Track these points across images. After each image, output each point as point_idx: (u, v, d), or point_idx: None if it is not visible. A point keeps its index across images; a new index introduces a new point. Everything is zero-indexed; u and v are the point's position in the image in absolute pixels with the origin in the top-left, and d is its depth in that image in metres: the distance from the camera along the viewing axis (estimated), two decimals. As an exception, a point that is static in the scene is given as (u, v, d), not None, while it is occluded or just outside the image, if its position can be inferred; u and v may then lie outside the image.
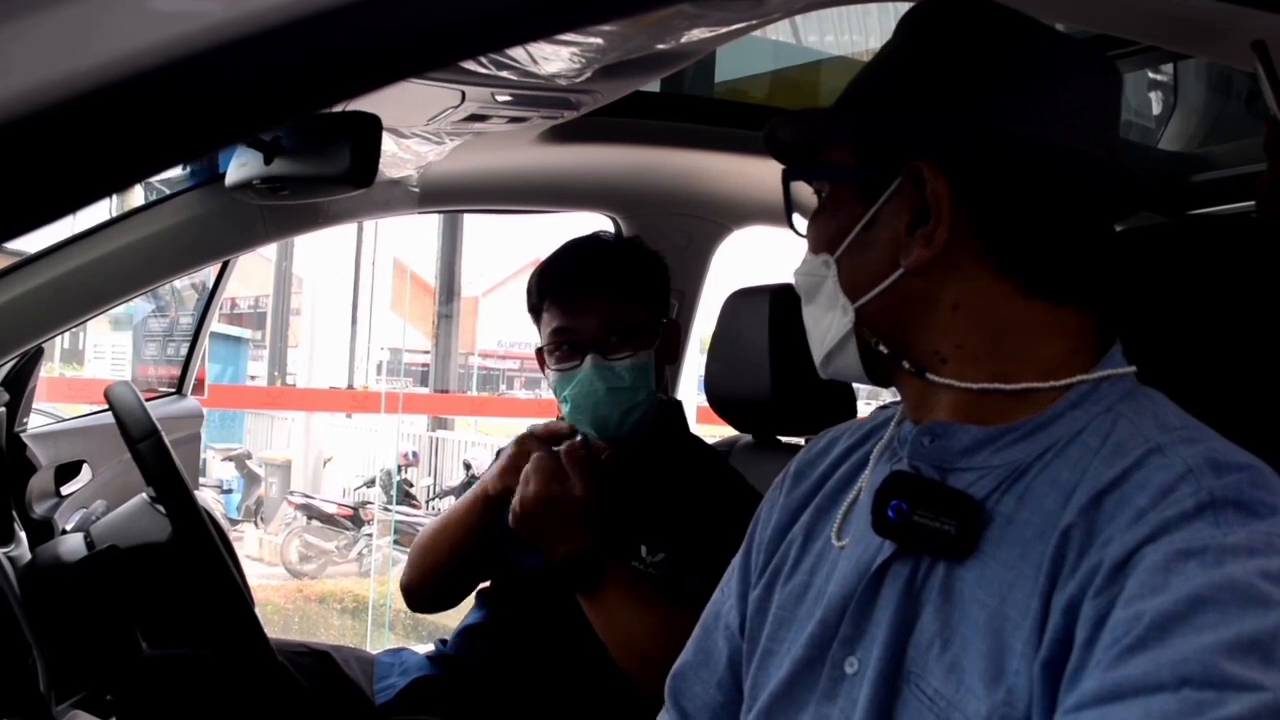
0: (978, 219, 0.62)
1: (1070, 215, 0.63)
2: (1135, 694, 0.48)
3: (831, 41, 2.13)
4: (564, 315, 1.24)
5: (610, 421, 1.24)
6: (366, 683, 1.35)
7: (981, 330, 0.63)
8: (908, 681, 0.60)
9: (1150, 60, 1.89)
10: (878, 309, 0.65)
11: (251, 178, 1.05)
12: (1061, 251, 0.63)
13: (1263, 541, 0.51)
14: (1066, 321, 0.63)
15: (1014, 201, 0.62)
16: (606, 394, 1.23)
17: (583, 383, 1.23)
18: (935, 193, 0.61)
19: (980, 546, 0.59)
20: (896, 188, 0.63)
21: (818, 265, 0.68)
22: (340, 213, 1.41)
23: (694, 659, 0.80)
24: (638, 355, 1.24)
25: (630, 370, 1.24)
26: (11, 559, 1.13)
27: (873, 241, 0.65)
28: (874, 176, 0.64)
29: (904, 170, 0.62)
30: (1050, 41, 0.64)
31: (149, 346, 2.83)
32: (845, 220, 0.66)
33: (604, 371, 1.23)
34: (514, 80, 1.00)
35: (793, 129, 0.71)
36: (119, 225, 1.27)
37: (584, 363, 1.23)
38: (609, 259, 1.29)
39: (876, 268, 0.64)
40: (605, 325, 1.23)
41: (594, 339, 1.24)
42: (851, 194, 0.66)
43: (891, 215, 0.64)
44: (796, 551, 0.72)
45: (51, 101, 0.33)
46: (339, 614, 5.69)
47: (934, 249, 0.62)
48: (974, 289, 0.62)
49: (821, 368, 0.70)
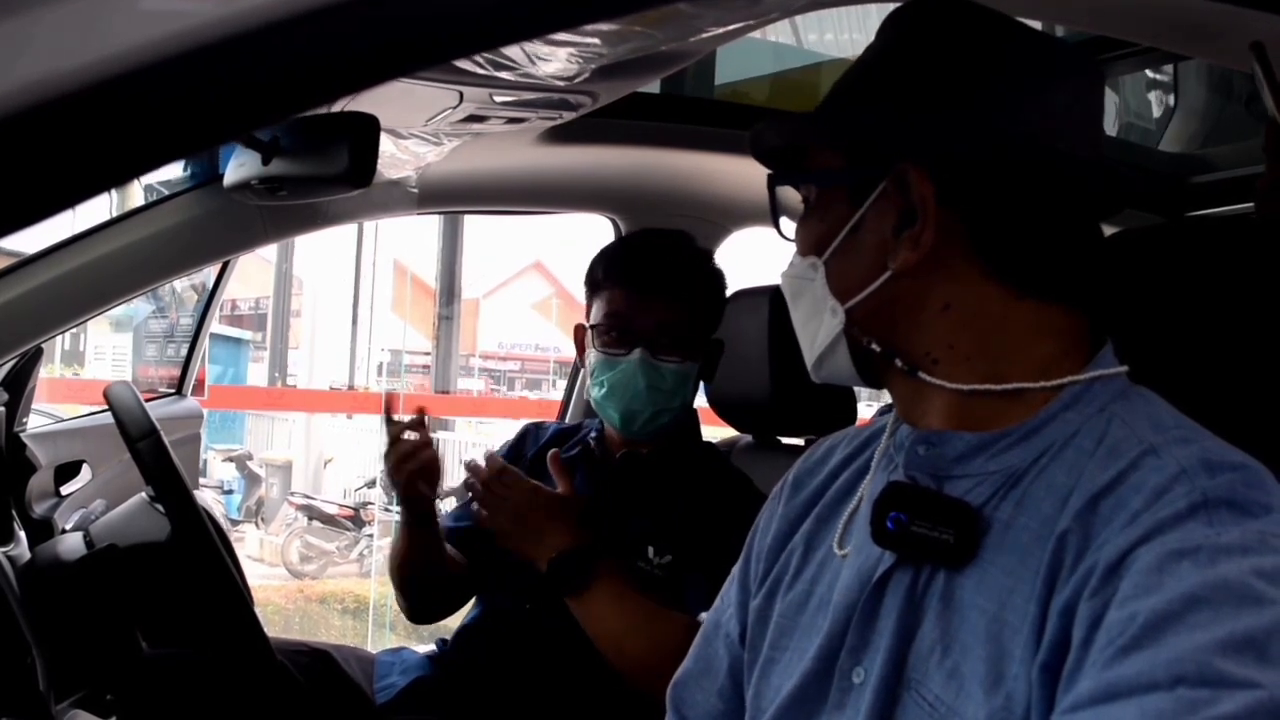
0: (966, 220, 0.62)
1: (1059, 215, 0.63)
2: (1130, 693, 0.48)
3: (831, 40, 2.13)
4: (625, 302, 1.25)
5: (639, 418, 1.25)
6: (367, 682, 1.35)
7: (972, 330, 0.63)
8: (908, 688, 0.60)
9: (1149, 61, 1.89)
10: (867, 311, 0.65)
11: (250, 178, 1.05)
12: (1050, 251, 0.63)
13: (1256, 540, 0.51)
14: (1057, 321, 0.63)
15: (1003, 202, 0.62)
16: (646, 390, 1.23)
17: (626, 372, 1.24)
18: (921, 195, 0.61)
19: (979, 553, 0.59)
20: (882, 190, 0.63)
21: (805, 268, 0.68)
22: (339, 213, 1.41)
23: (695, 668, 0.80)
24: (685, 364, 1.25)
25: (674, 375, 1.24)
26: (11, 558, 1.13)
27: (860, 244, 0.65)
28: (860, 179, 0.64)
29: (890, 173, 0.62)
30: (1036, 43, 0.64)
31: (149, 347, 2.83)
32: (832, 223, 0.66)
33: (649, 369, 1.23)
34: (512, 81, 1.01)
35: (779, 133, 0.71)
36: (118, 226, 1.28)
37: (632, 353, 1.24)
38: (683, 262, 1.29)
39: (865, 270, 0.64)
40: (662, 325, 1.24)
41: (647, 334, 1.24)
42: (838, 197, 0.66)
43: (878, 217, 0.64)
44: (798, 560, 0.72)
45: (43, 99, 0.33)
46: (340, 614, 5.69)
47: (920, 251, 0.62)
48: (964, 289, 0.62)
49: (814, 371, 0.70)
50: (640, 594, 1.13)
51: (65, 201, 0.37)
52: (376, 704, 1.31)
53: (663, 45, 0.94)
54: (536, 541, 1.13)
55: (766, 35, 1.91)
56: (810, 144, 0.69)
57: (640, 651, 1.09)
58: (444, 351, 7.98)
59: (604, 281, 1.28)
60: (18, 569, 1.12)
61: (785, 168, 0.72)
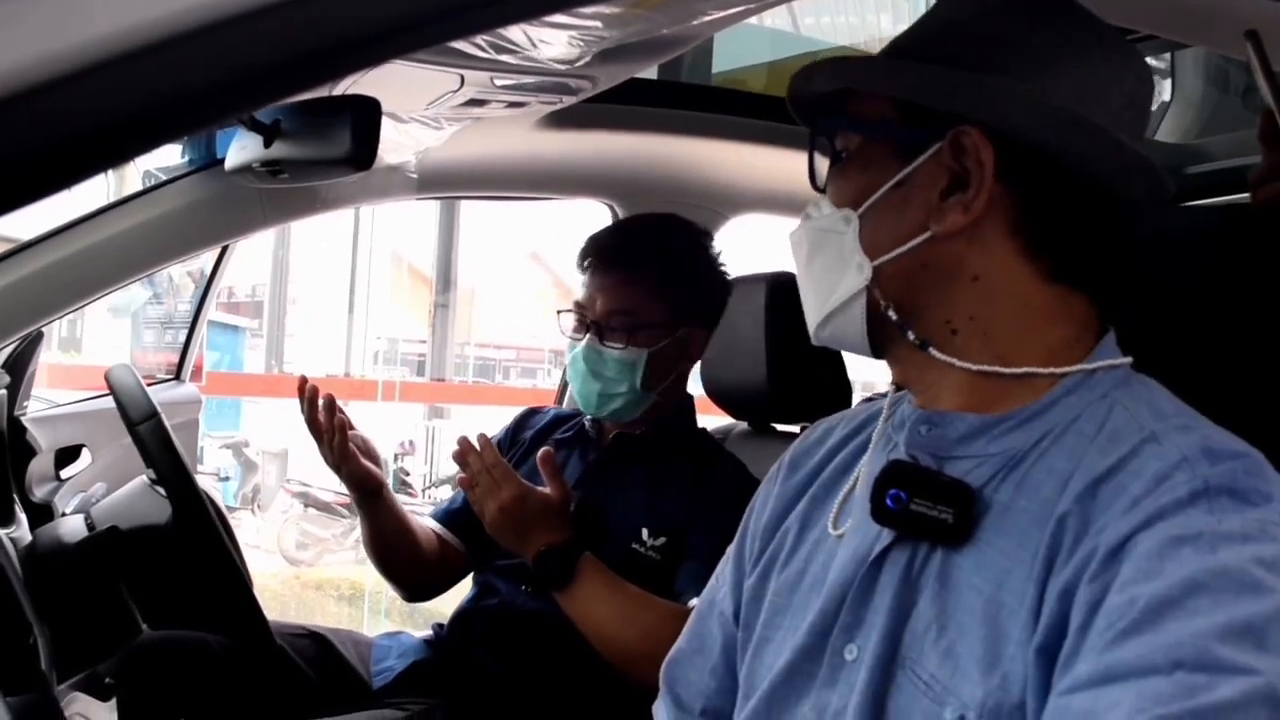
0: (1017, 194, 0.61)
1: (1104, 207, 0.62)
2: (1128, 676, 0.48)
3: (829, 23, 2.13)
4: (586, 286, 1.27)
5: (590, 400, 1.27)
6: (363, 666, 1.36)
7: (995, 306, 0.62)
8: (903, 667, 0.60)
9: (1145, 50, 1.89)
10: (896, 271, 0.63)
11: (251, 161, 1.05)
12: (1090, 240, 0.62)
13: (1257, 528, 0.51)
14: (1076, 308, 0.63)
15: (1057, 183, 0.61)
16: (590, 375, 1.25)
17: (575, 358, 1.26)
18: (980, 161, 0.60)
19: (977, 534, 0.59)
20: (936, 150, 0.62)
21: (837, 220, 0.65)
22: (338, 198, 1.41)
23: (688, 646, 0.80)
24: (628, 349, 1.23)
25: (616, 361, 1.24)
26: (13, 539, 1.14)
27: (902, 202, 0.63)
28: (915, 136, 0.62)
29: (949, 133, 0.61)
30: (1102, 32, 0.63)
31: (147, 333, 2.83)
32: (874, 176, 0.64)
33: (591, 354, 1.25)
34: (513, 64, 1.01)
35: (831, 75, 0.67)
36: (118, 210, 1.27)
37: (585, 338, 1.25)
38: (644, 250, 1.27)
39: (903, 229, 0.63)
40: (611, 310, 1.24)
41: (597, 319, 1.25)
42: (886, 150, 0.64)
43: (927, 177, 0.62)
44: (792, 540, 0.73)
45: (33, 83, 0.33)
46: (335, 601, 5.70)
47: (970, 216, 0.60)
48: (997, 263, 0.62)
49: (818, 330, 0.68)
50: (628, 585, 1.13)
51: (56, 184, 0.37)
52: (374, 688, 1.32)
53: (663, 29, 0.94)
54: (524, 538, 1.14)
55: (764, 20, 1.90)
56: (865, 90, 0.66)
57: (631, 642, 1.09)
58: (440, 339, 7.97)
59: (578, 266, 1.30)
60: (20, 550, 1.12)
61: (818, 115, 0.69)
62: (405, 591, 1.38)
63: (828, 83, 0.68)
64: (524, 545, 1.14)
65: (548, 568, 1.12)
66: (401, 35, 0.40)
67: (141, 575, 1.15)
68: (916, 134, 0.62)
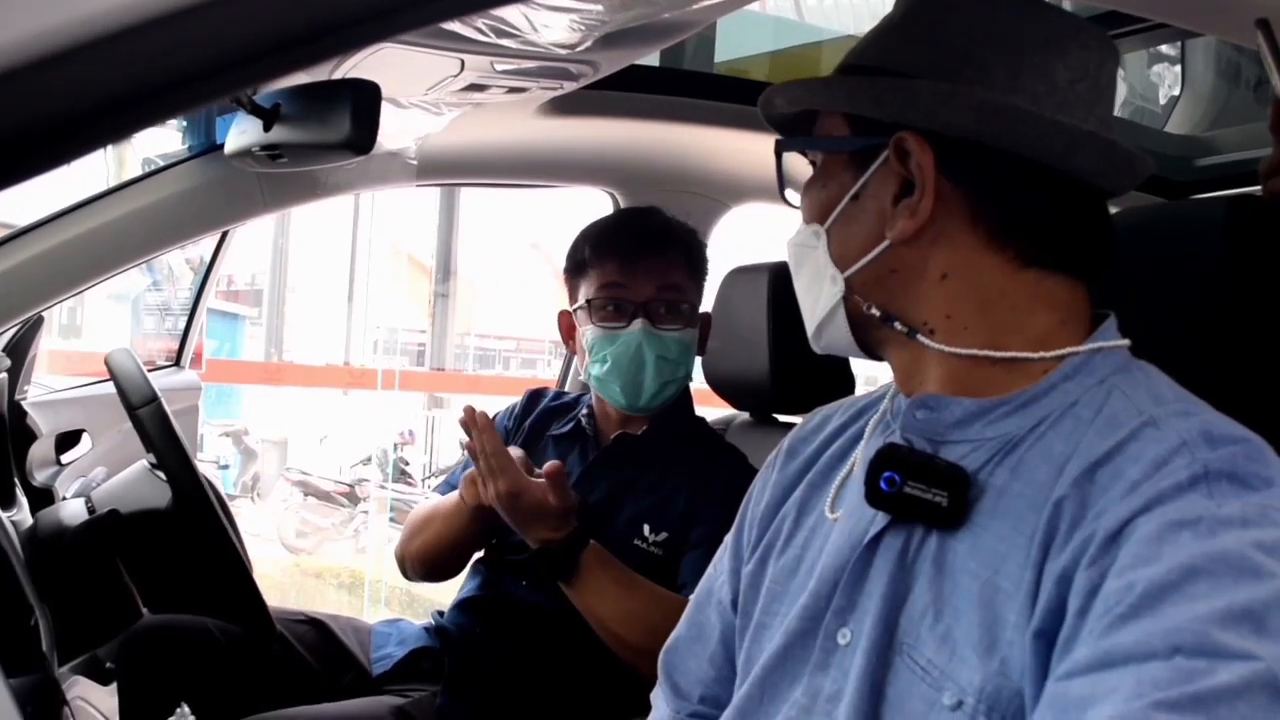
0: (966, 189, 0.62)
1: (1059, 188, 0.62)
2: (1127, 661, 0.48)
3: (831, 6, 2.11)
4: (620, 273, 1.23)
5: (645, 391, 1.23)
6: (363, 653, 1.36)
7: (970, 300, 0.63)
8: (900, 652, 0.60)
9: (1156, 39, 1.89)
10: (866, 280, 0.66)
11: (251, 145, 1.05)
12: (1050, 224, 0.63)
13: (1256, 513, 0.51)
14: (1056, 293, 0.63)
15: (1002, 172, 0.62)
16: (653, 361, 1.22)
17: (628, 343, 1.22)
18: (920, 164, 0.62)
19: (972, 518, 0.59)
20: (884, 159, 0.64)
21: (809, 235, 0.69)
22: (338, 184, 1.40)
23: (687, 634, 0.81)
24: (685, 331, 1.24)
25: (678, 343, 1.23)
26: (14, 523, 1.14)
27: (860, 212, 0.65)
28: (863, 147, 0.65)
29: (891, 141, 0.63)
30: (1044, 14, 0.64)
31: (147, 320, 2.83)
32: (835, 191, 0.67)
33: (653, 338, 1.22)
34: (513, 49, 1.00)
35: (788, 98, 0.71)
36: (117, 195, 1.27)
37: (633, 324, 1.22)
38: (670, 231, 1.29)
39: (864, 239, 0.65)
40: (659, 292, 1.23)
41: (646, 302, 1.23)
42: (842, 164, 0.67)
43: (879, 186, 0.64)
44: (790, 526, 0.73)
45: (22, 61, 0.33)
46: (335, 589, 5.72)
47: (918, 220, 0.62)
48: (962, 259, 0.63)
49: (814, 340, 0.71)
50: (636, 577, 1.13)
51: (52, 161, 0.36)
52: (373, 675, 1.32)
53: (665, 13, 0.94)
54: (522, 528, 1.13)
55: (766, 7, 1.89)
56: (819, 110, 0.69)
57: (637, 634, 1.09)
58: (439, 329, 7.97)
59: (592, 258, 1.26)
60: (21, 533, 1.13)
61: (793, 134, 0.72)
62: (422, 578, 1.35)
63: (786, 106, 0.71)
64: (524, 533, 1.14)
65: (549, 562, 1.13)
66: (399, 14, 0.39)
67: (142, 559, 1.15)
68: (865, 145, 0.65)
